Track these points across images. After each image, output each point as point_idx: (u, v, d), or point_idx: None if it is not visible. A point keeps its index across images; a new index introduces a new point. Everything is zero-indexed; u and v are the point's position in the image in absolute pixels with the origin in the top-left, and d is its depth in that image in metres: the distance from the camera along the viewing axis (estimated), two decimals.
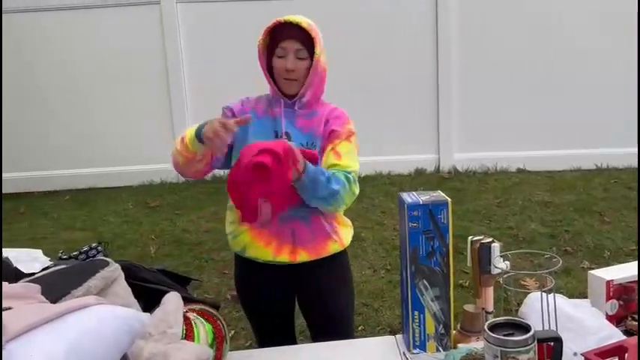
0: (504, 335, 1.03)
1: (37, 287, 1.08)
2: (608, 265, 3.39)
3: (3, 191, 5.33)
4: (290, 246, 1.75)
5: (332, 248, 1.81)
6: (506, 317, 1.09)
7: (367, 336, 2.50)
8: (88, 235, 4.30)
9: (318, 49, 1.71)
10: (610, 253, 3.66)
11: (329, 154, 1.76)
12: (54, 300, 1.17)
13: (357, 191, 1.75)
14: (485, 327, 1.05)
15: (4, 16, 5.21)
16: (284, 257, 1.75)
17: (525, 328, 1.05)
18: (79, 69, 5.39)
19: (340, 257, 1.87)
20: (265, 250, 1.75)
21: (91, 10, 5.30)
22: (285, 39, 1.72)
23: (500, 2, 5.31)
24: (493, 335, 1.02)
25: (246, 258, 1.79)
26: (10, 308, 1.03)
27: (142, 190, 5.35)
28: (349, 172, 1.73)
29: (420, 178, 5.34)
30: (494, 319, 1.09)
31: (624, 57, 5.15)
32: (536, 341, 1.03)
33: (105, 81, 5.43)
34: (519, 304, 1.51)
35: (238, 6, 5.21)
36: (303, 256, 1.76)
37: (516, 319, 1.10)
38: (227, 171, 1.72)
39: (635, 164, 5.17)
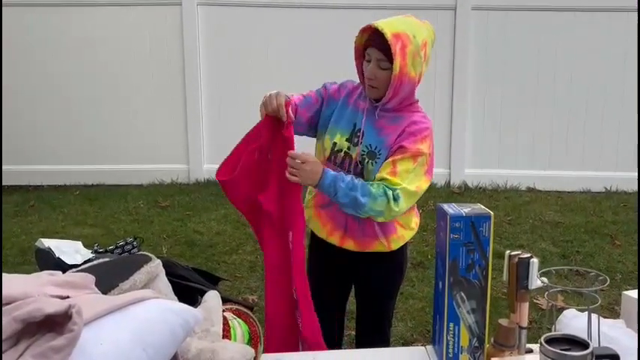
0: (562, 350, 1.03)
1: (92, 278, 1.08)
2: (620, 288, 3.42)
3: (12, 183, 5.33)
4: (341, 232, 1.88)
5: (376, 247, 1.89)
6: (562, 333, 1.09)
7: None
8: (99, 232, 4.29)
9: (397, 63, 1.66)
10: (622, 276, 3.67)
11: (386, 167, 1.75)
12: (103, 291, 1.18)
13: (397, 209, 1.72)
14: (542, 340, 1.06)
15: (24, 9, 5.23)
16: (334, 240, 1.89)
17: (582, 344, 1.05)
18: (95, 65, 5.39)
19: (389, 256, 1.93)
20: (322, 228, 1.92)
21: (110, 7, 5.32)
22: (370, 45, 1.73)
23: (517, 23, 5.34)
24: (552, 349, 1.03)
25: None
26: (67, 297, 1.03)
27: (152, 190, 5.34)
28: (394, 189, 1.71)
29: (430, 193, 5.32)
30: (549, 334, 1.09)
31: (636, 81, 5.18)
32: (594, 358, 1.04)
33: (120, 79, 5.43)
34: (532, 322, 1.51)
35: (259, 11, 5.23)
36: (350, 245, 1.88)
37: (570, 334, 1.11)
38: None
39: None
